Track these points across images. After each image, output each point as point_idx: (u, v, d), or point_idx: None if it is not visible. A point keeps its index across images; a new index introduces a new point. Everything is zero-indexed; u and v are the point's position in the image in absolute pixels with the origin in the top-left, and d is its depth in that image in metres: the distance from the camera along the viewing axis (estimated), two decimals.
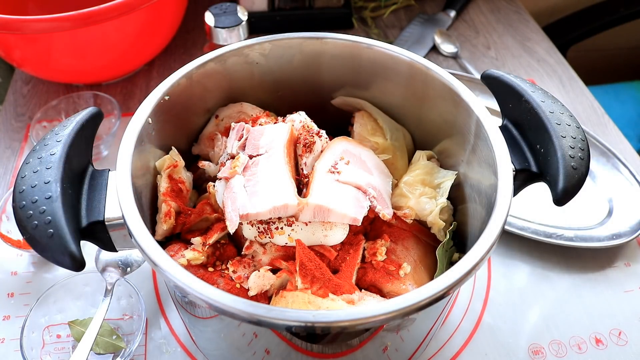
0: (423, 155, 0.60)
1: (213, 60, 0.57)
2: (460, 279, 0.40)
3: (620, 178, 0.80)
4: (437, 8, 1.17)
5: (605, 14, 1.27)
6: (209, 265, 0.52)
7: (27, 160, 0.45)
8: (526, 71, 1.04)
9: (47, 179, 0.42)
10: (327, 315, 0.38)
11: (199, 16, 0.92)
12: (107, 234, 0.45)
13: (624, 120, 1.18)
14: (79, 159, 0.47)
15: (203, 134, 0.62)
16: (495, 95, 0.55)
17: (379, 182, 0.55)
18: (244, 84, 0.62)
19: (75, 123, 0.47)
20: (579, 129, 0.48)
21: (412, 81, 0.58)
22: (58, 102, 0.87)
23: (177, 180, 0.55)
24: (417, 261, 0.53)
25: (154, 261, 0.41)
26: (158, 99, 0.53)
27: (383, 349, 0.48)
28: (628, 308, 0.67)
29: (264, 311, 0.38)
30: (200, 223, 0.54)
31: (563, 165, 0.45)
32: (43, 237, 0.40)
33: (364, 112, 0.63)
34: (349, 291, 0.48)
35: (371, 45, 0.59)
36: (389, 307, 0.38)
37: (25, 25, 0.76)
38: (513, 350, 0.63)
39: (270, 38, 0.59)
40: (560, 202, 0.46)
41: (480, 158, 0.51)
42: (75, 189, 0.45)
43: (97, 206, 0.45)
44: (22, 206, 0.41)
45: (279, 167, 0.52)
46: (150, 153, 0.53)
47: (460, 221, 0.56)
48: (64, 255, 0.40)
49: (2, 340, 0.63)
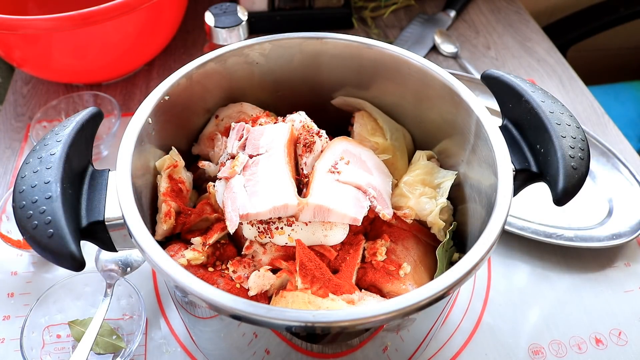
0: (423, 155, 0.60)
1: (213, 60, 0.57)
2: (460, 279, 0.40)
3: (620, 178, 0.80)
4: (437, 8, 1.17)
5: (605, 14, 1.27)
6: (209, 265, 0.52)
7: (27, 160, 0.45)
8: (526, 71, 1.04)
9: (47, 179, 0.42)
10: (327, 315, 0.38)
11: (199, 16, 0.92)
12: (107, 234, 0.45)
13: (624, 120, 1.18)
14: (79, 159, 0.47)
15: (203, 134, 0.62)
16: (495, 95, 0.55)
17: (379, 182, 0.55)
18: (244, 84, 0.62)
19: (75, 123, 0.47)
20: (579, 129, 0.48)
21: (412, 81, 0.58)
22: (58, 102, 0.87)
23: (177, 180, 0.55)
24: (417, 261, 0.53)
25: (154, 261, 0.41)
26: (158, 99, 0.53)
27: (383, 349, 0.48)
28: (628, 308, 0.67)
29: (264, 311, 0.38)
30: (200, 223, 0.54)
31: (563, 165, 0.45)
32: (43, 237, 0.40)
33: (364, 112, 0.63)
34: (349, 291, 0.48)
35: (371, 45, 0.59)
36: (389, 307, 0.38)
37: (25, 25, 0.76)
38: (513, 350, 0.63)
39: (270, 38, 0.59)
40: (560, 202, 0.46)
41: (480, 158, 0.51)
42: (75, 189, 0.45)
43: (97, 206, 0.45)
44: (22, 206, 0.41)
45: (279, 167, 0.52)
46: (150, 153, 0.53)
47: (460, 221, 0.56)
48: (64, 255, 0.40)
49: (2, 340, 0.63)
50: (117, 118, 0.85)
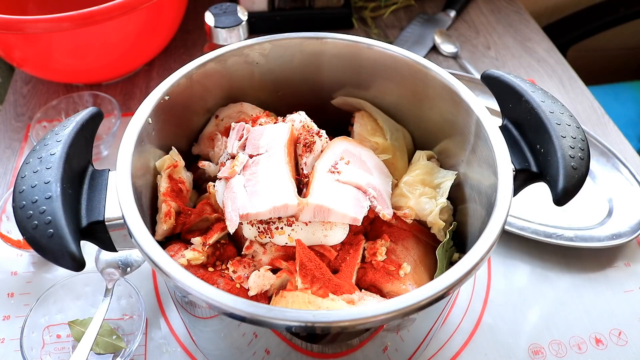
0: (423, 155, 0.60)
1: (213, 60, 0.57)
2: (461, 278, 0.40)
3: (620, 178, 0.80)
4: (437, 8, 1.17)
5: (605, 14, 1.27)
6: (209, 265, 0.52)
7: (27, 160, 0.45)
8: (526, 71, 1.04)
9: (47, 179, 0.42)
10: (327, 315, 0.38)
11: (199, 16, 0.92)
12: (107, 234, 0.45)
13: (624, 120, 1.18)
14: (79, 159, 0.47)
15: (203, 134, 0.62)
16: (495, 95, 0.55)
17: (379, 182, 0.55)
18: (244, 84, 0.62)
19: (75, 123, 0.47)
20: (579, 129, 0.48)
21: (412, 81, 0.58)
22: (58, 102, 0.87)
23: (177, 180, 0.55)
24: (417, 261, 0.53)
25: (154, 261, 0.41)
26: (158, 99, 0.53)
27: (383, 349, 0.48)
28: (628, 308, 0.67)
29: (264, 311, 0.38)
30: (200, 223, 0.54)
31: (563, 165, 0.45)
32: (43, 237, 0.40)
33: (364, 112, 0.63)
34: (349, 291, 0.48)
35: (371, 45, 0.59)
36: (389, 307, 0.38)
37: (25, 25, 0.76)
38: (513, 350, 0.63)
39: (270, 38, 0.59)
40: (560, 202, 0.46)
41: (480, 158, 0.51)
42: (75, 189, 0.45)
43: (97, 206, 0.45)
44: (22, 206, 0.41)
45: (279, 166, 0.52)
46: (150, 153, 0.53)
47: (460, 221, 0.56)
48: (64, 256, 0.40)
49: (2, 340, 0.63)
50: (117, 118, 0.85)
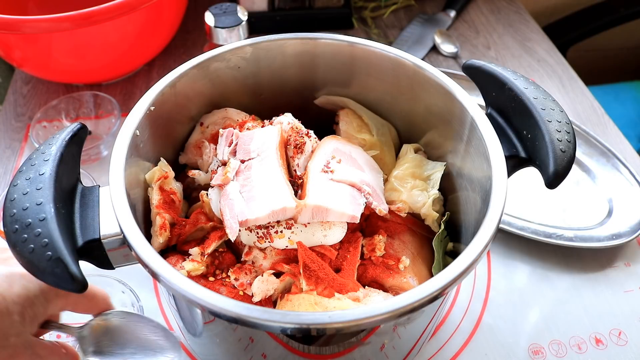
0: (410, 148, 0.60)
1: (196, 67, 0.56)
2: (471, 263, 0.41)
3: (620, 178, 0.80)
4: (437, 8, 1.17)
5: (605, 14, 1.27)
6: (209, 275, 0.50)
7: (14, 183, 0.43)
8: (526, 71, 1.04)
9: (38, 200, 0.41)
10: (344, 315, 0.38)
11: (199, 16, 0.92)
12: (104, 251, 0.44)
13: (624, 120, 1.18)
14: (68, 177, 0.45)
15: (189, 142, 0.60)
16: (478, 85, 0.55)
17: (372, 179, 0.55)
18: (226, 90, 0.61)
19: (61, 140, 0.46)
20: (562, 113, 0.49)
21: (397, 76, 0.58)
22: (58, 102, 0.87)
23: (169, 192, 0.53)
24: (414, 254, 0.54)
25: (158, 274, 0.40)
26: (144, 110, 0.51)
27: (380, 347, 0.48)
28: (628, 308, 0.67)
29: (279, 317, 0.37)
30: (196, 233, 0.53)
31: (552, 149, 0.46)
32: (42, 261, 0.38)
33: (348, 110, 0.63)
34: (353, 289, 0.48)
35: (352, 43, 0.58)
36: (403, 302, 0.38)
37: (25, 25, 0.76)
38: (513, 350, 0.63)
39: (251, 41, 0.58)
40: (552, 185, 0.47)
41: (469, 146, 0.52)
42: (68, 209, 0.44)
43: (92, 224, 0.44)
44: (15, 230, 0.39)
45: (273, 170, 0.51)
46: (139, 166, 0.51)
47: (451, 210, 0.56)
48: (66, 278, 0.38)
49: None
50: (117, 118, 0.85)
